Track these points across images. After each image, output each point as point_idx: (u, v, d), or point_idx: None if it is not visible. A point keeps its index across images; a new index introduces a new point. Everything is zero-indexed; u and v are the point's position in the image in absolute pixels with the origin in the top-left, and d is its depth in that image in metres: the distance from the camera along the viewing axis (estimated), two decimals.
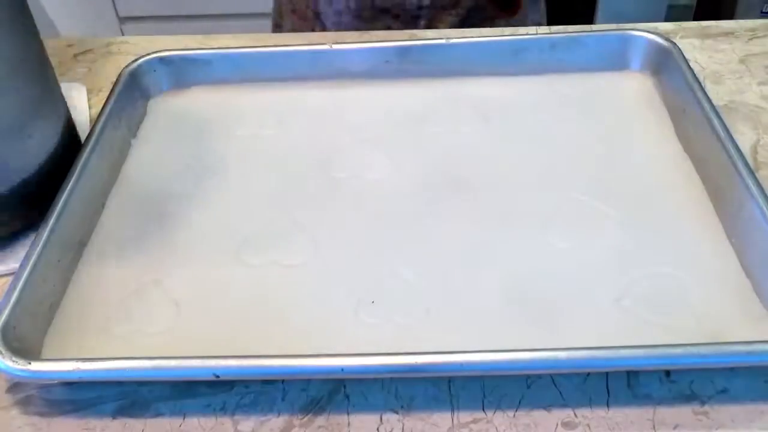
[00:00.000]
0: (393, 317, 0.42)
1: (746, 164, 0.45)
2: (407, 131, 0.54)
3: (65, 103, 0.52)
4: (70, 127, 0.52)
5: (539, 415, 0.38)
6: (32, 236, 0.44)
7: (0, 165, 0.45)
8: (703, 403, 0.38)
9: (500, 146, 0.53)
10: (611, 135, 0.53)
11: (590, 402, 0.38)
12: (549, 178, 0.50)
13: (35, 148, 0.48)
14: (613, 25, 0.61)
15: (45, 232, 0.44)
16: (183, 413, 0.39)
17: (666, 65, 0.56)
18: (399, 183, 0.50)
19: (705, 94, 0.51)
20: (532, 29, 0.62)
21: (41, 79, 0.49)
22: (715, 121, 0.48)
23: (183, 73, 0.59)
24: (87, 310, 0.43)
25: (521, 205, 0.48)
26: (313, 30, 0.78)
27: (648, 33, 0.57)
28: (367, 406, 0.39)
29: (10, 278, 0.42)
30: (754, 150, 0.52)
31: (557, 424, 0.37)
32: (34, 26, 0.48)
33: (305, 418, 0.38)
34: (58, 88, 0.51)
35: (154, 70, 0.58)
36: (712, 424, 0.37)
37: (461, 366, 0.37)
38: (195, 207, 0.49)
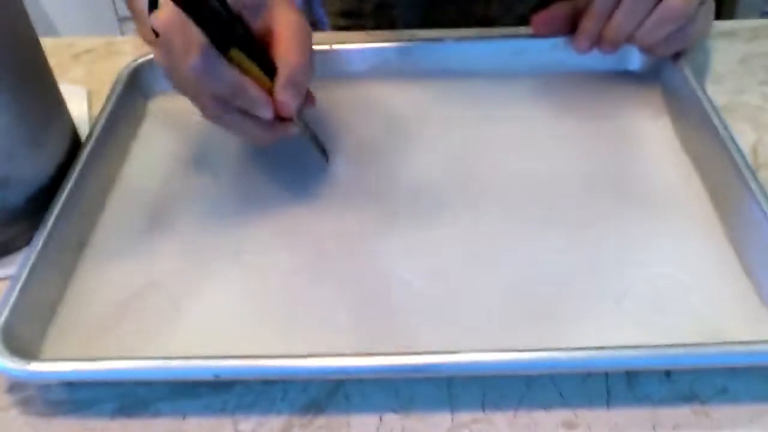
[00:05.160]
0: (393, 317, 0.42)
1: (746, 164, 0.45)
2: (407, 131, 0.54)
3: (67, 108, 0.52)
4: (74, 131, 0.53)
5: (539, 415, 0.38)
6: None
7: (17, 177, 0.46)
8: (703, 403, 0.38)
9: (500, 146, 0.53)
10: (611, 135, 0.53)
11: (590, 402, 0.38)
12: (549, 178, 0.50)
13: (47, 157, 0.48)
14: None
15: (45, 232, 0.44)
16: (183, 413, 0.39)
17: (666, 65, 0.56)
18: (399, 183, 0.50)
19: (705, 94, 0.51)
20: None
21: (47, 87, 0.49)
22: (715, 121, 0.48)
23: None
24: (87, 310, 0.43)
25: (521, 205, 0.48)
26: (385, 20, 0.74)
27: None
28: (366, 406, 0.39)
29: (9, 278, 0.42)
30: (754, 150, 0.52)
31: (557, 424, 0.37)
32: (36, 38, 0.49)
33: (305, 418, 0.38)
34: (60, 93, 0.51)
35: (154, 70, 0.58)
36: (712, 424, 0.37)
37: (461, 366, 0.37)
38: (194, 207, 0.49)
